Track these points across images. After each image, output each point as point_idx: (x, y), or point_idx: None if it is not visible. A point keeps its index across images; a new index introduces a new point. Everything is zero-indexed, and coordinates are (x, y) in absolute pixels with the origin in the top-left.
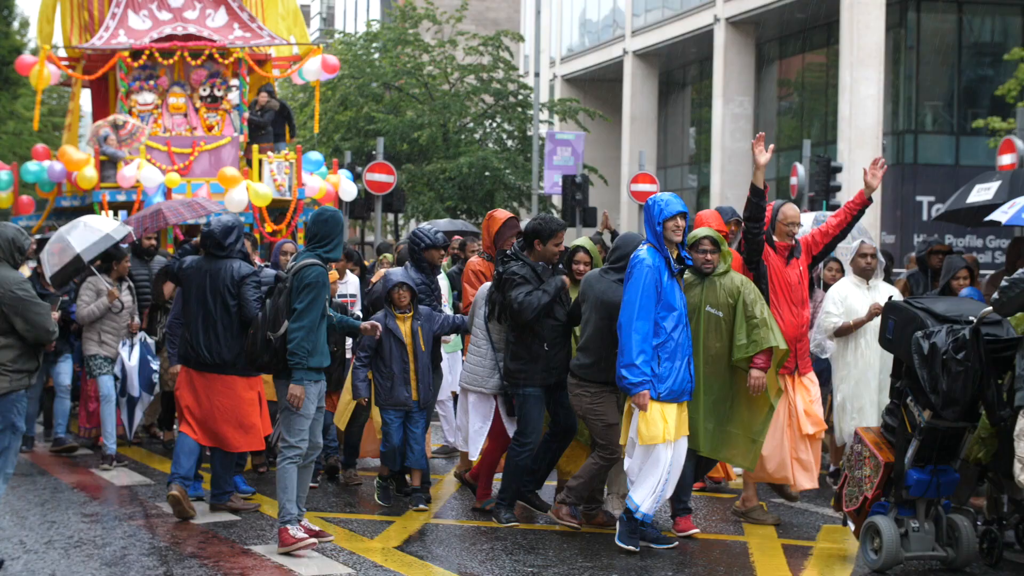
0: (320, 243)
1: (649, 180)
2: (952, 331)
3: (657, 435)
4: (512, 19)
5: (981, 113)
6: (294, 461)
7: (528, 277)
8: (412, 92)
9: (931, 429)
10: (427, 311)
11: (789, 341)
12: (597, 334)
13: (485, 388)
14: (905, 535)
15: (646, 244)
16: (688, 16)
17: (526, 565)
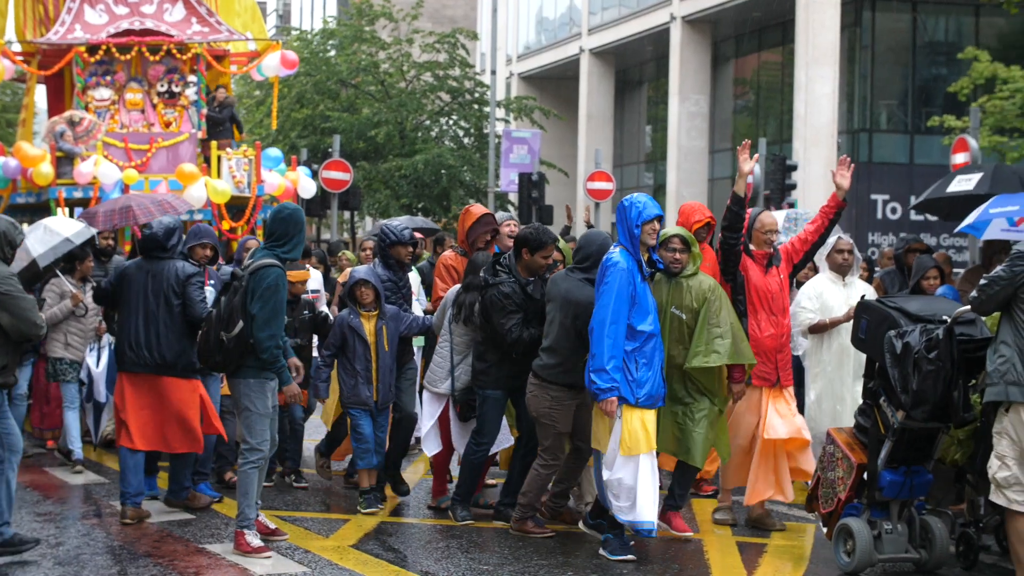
0: (278, 242)
1: (605, 178)
2: (926, 330)
3: (640, 445)
4: (469, 17)
5: (935, 112)
6: (256, 465)
7: (517, 302)
8: (368, 90)
9: (904, 430)
10: (394, 310)
11: (769, 351)
12: (562, 334)
13: (439, 389)
14: (878, 537)
15: (618, 247)
16: (644, 14)
17: (481, 563)
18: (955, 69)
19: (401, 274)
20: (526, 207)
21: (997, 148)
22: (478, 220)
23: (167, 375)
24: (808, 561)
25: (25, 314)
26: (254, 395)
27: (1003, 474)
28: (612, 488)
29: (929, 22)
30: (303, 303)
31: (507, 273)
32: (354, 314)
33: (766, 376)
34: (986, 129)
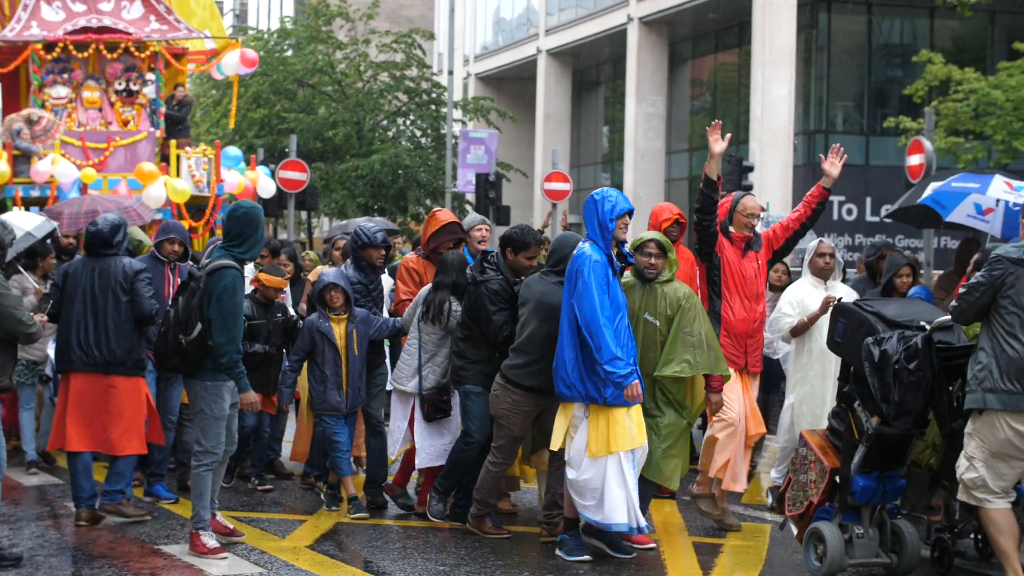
0: (234, 242)
1: (562, 179)
2: (904, 338)
3: (608, 445)
4: (426, 17)
5: (891, 113)
6: (209, 467)
7: (505, 299)
8: (325, 90)
9: (879, 436)
10: (364, 314)
11: (739, 335)
12: (534, 337)
13: (406, 388)
14: (849, 541)
15: (587, 241)
16: (601, 15)
17: (438, 564)
18: (910, 71)
19: (373, 277)
20: (483, 208)
21: (952, 150)
22: (443, 227)
23: (115, 373)
24: (764, 562)
25: (9, 312)
26: (209, 397)
27: (970, 475)
28: (576, 488)
29: (884, 24)
30: (276, 306)
31: (495, 271)
32: (323, 318)
33: (735, 360)
34: (941, 131)
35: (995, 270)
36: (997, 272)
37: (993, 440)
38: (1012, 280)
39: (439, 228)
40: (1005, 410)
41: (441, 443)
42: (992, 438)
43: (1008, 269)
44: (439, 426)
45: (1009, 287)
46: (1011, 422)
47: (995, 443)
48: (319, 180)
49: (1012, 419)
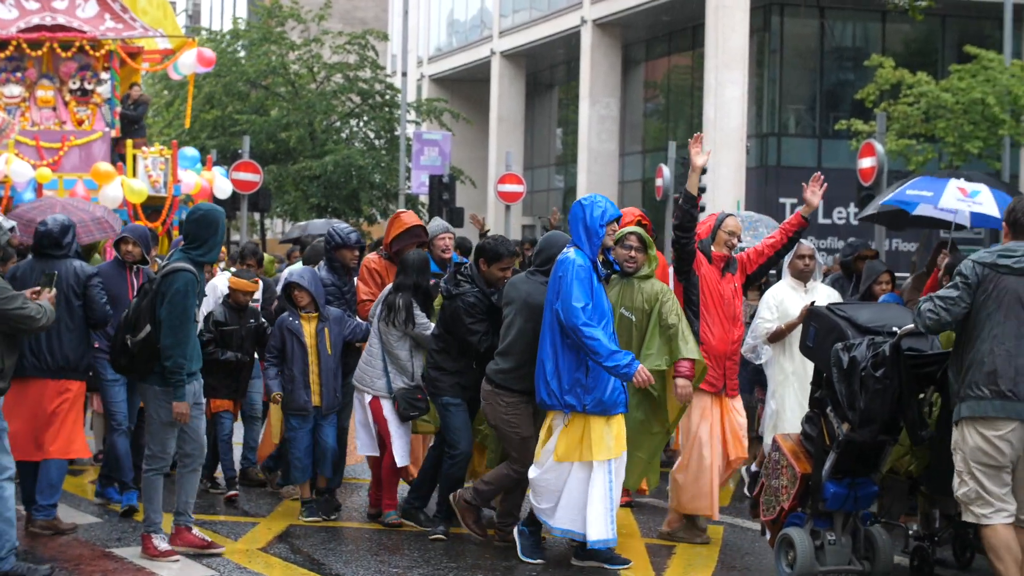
0: (192, 244)
1: (516, 181)
2: (873, 344)
3: (575, 453)
4: (380, 18)
5: (843, 116)
6: (158, 472)
7: (483, 311)
8: (278, 91)
9: (849, 442)
10: (337, 314)
11: (718, 357)
12: (521, 338)
13: (371, 389)
14: (821, 548)
15: (572, 247)
16: (555, 17)
17: (391, 566)
18: (862, 74)
19: (346, 279)
20: (437, 209)
21: (903, 152)
22: (407, 231)
23: (68, 378)
24: (716, 563)
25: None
26: (158, 403)
27: (963, 490)
28: (535, 487)
29: (837, 28)
30: (249, 311)
31: (469, 283)
32: (293, 316)
33: (713, 383)
34: (892, 134)
35: (970, 277)
36: (973, 279)
37: (968, 449)
38: (987, 284)
39: (403, 231)
40: (973, 417)
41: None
42: (966, 448)
43: (983, 274)
44: (409, 427)
45: (983, 291)
46: (980, 428)
47: (969, 452)
48: (272, 182)
49: (981, 426)
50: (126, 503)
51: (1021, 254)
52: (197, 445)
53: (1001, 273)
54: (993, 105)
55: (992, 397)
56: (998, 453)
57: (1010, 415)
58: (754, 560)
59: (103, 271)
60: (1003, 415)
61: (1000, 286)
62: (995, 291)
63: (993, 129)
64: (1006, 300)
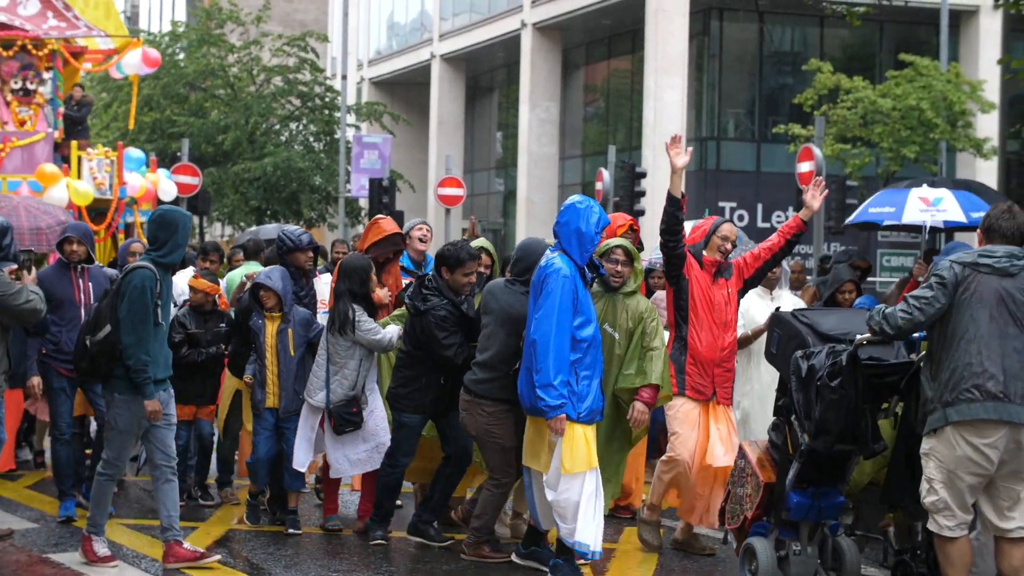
0: (153, 245)
1: (456, 184)
2: (833, 352)
3: (583, 461)
4: (319, 21)
5: (781, 121)
6: (109, 477)
7: (454, 323)
8: (217, 93)
9: (812, 452)
10: (304, 315)
11: (706, 364)
12: (501, 350)
13: (312, 400)
14: (785, 558)
15: (557, 252)
16: (495, 21)
17: (331, 570)
18: (800, 79)
19: (303, 282)
20: (376, 212)
21: (840, 157)
22: (386, 238)
23: (10, 386)
24: (657, 566)
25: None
26: (118, 410)
27: (931, 499)
28: (558, 508)
29: (775, 32)
30: (216, 315)
31: (436, 295)
32: (258, 315)
33: (701, 390)
34: (830, 138)
35: (948, 277)
36: (951, 279)
37: (951, 458)
38: (967, 284)
39: (382, 238)
40: (961, 423)
41: (355, 452)
42: (949, 455)
43: (963, 274)
44: (352, 437)
45: (964, 291)
46: (968, 436)
47: (952, 460)
48: (211, 185)
49: (968, 433)
50: (64, 513)
51: (1001, 255)
52: (165, 456)
53: (982, 273)
54: (928, 111)
55: (983, 399)
56: (986, 461)
57: (1002, 417)
58: (693, 564)
59: (45, 276)
60: (995, 417)
61: (982, 286)
62: (977, 291)
63: (929, 134)
64: (989, 300)
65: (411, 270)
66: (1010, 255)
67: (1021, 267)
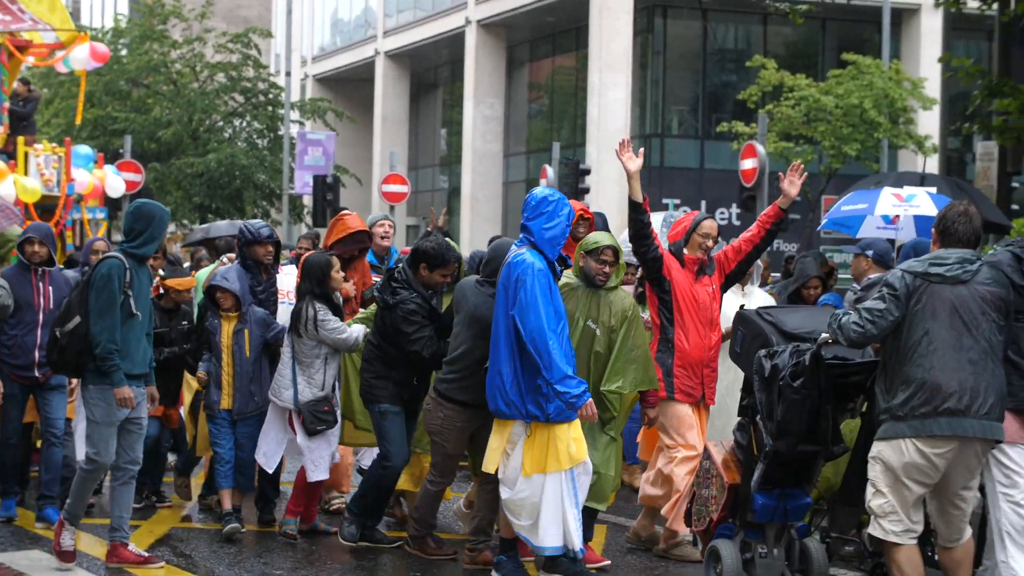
0: (127, 236)
1: (400, 181)
2: (797, 352)
3: (548, 463)
4: (263, 18)
5: (725, 118)
6: (92, 474)
7: (423, 314)
8: (160, 90)
9: (777, 453)
10: (261, 316)
11: (695, 365)
12: (470, 353)
13: (279, 400)
14: (751, 560)
15: (524, 247)
16: (440, 18)
17: (274, 567)
18: (744, 76)
19: (263, 277)
20: (320, 209)
21: (783, 154)
22: (351, 235)
23: None
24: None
25: None
26: (93, 402)
27: (878, 501)
28: (510, 507)
29: (719, 30)
30: (182, 313)
31: (405, 288)
32: (214, 315)
33: (691, 391)
34: (773, 135)
35: (899, 288)
36: (903, 290)
37: (898, 463)
38: (919, 296)
39: (347, 235)
40: (916, 436)
41: (328, 451)
42: (897, 460)
43: (915, 284)
44: (325, 437)
45: (916, 302)
46: (920, 445)
47: (900, 466)
48: (153, 182)
49: (921, 443)
50: (3, 513)
51: (952, 262)
52: (130, 458)
53: (933, 283)
54: (870, 109)
55: (936, 415)
56: (932, 470)
57: (955, 432)
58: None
59: (4, 276)
60: (948, 432)
61: (934, 296)
62: (929, 302)
63: (871, 131)
64: (941, 311)
65: (375, 264)
66: (962, 261)
67: (973, 272)
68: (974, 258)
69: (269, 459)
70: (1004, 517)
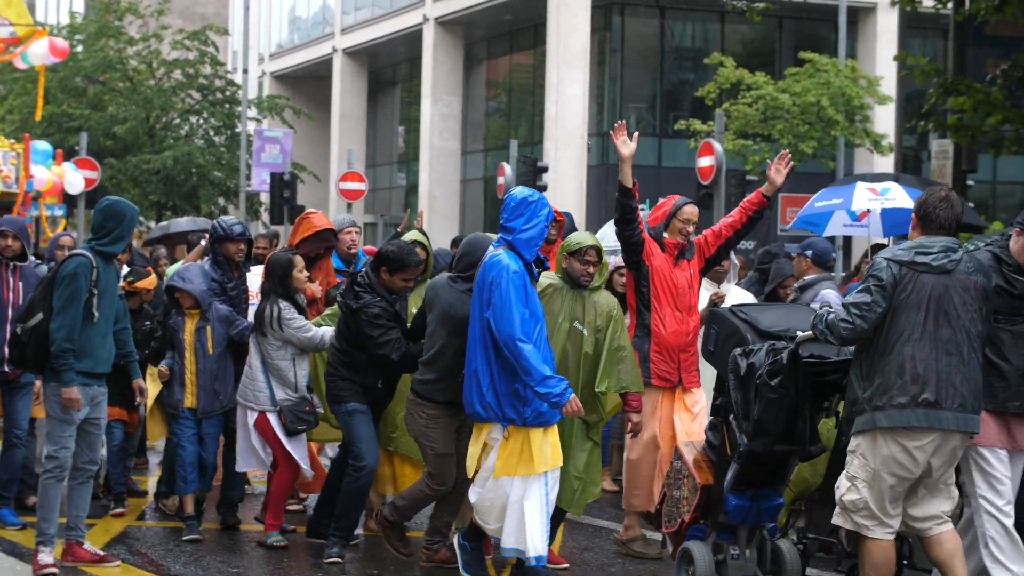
0: (96, 234)
1: (358, 179)
2: (773, 350)
3: (519, 466)
4: (220, 15)
5: (682, 115)
6: (53, 474)
7: (387, 317)
8: (116, 87)
9: (751, 453)
10: (224, 312)
11: (671, 349)
12: (445, 352)
13: (255, 404)
14: (723, 562)
15: (501, 247)
16: (397, 15)
17: (231, 566)
18: (701, 74)
19: (233, 274)
20: (278, 207)
21: (740, 152)
22: (316, 234)
23: None
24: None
25: None
26: (52, 399)
27: (851, 497)
28: (479, 508)
29: (676, 28)
30: (144, 313)
31: (368, 292)
32: (177, 313)
33: (667, 376)
34: (730, 133)
35: (886, 278)
36: (889, 280)
37: (876, 457)
38: (905, 285)
39: (312, 234)
40: (893, 427)
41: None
42: (875, 455)
43: (901, 274)
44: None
45: (902, 291)
46: (898, 438)
47: (878, 460)
48: (109, 179)
49: (900, 436)
50: None
51: (938, 251)
52: (88, 458)
53: (919, 272)
54: (828, 107)
55: (915, 406)
56: (912, 463)
57: (933, 424)
58: (593, 556)
59: None
60: (926, 424)
61: (919, 286)
62: (915, 292)
63: (827, 129)
64: (926, 301)
65: (342, 269)
66: (946, 250)
67: (957, 261)
68: (957, 247)
69: (241, 461)
70: (987, 524)
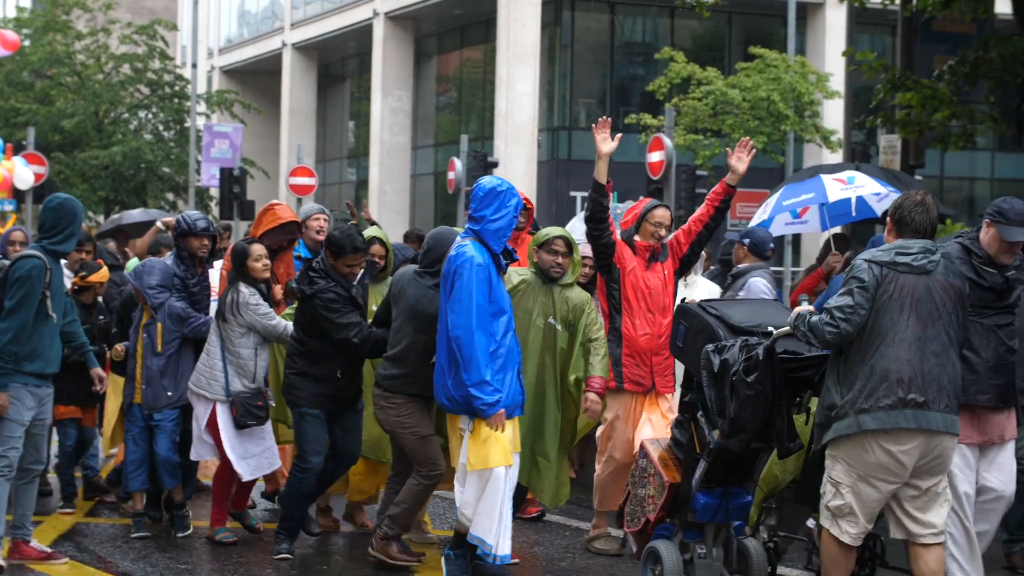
0: (47, 233)
1: (308, 173)
2: (747, 346)
3: (491, 458)
4: (169, 9)
5: (633, 111)
6: (3, 474)
7: (342, 302)
8: (64, 81)
9: (721, 451)
10: (177, 311)
11: (643, 353)
12: (413, 348)
13: (208, 392)
14: (690, 561)
15: (468, 238)
16: (347, 10)
17: (179, 562)
18: (652, 69)
19: (196, 270)
20: (227, 202)
21: (691, 147)
22: (280, 227)
23: None
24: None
25: None
26: None
27: (836, 503)
28: (462, 504)
29: (627, 23)
30: (99, 308)
31: (323, 278)
32: (141, 307)
33: (640, 380)
34: (681, 128)
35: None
36: (871, 282)
37: (862, 463)
38: (886, 286)
39: (277, 226)
40: (879, 431)
41: (251, 451)
42: (861, 461)
43: (882, 275)
44: (254, 433)
45: (883, 292)
46: (883, 443)
47: (864, 466)
48: (57, 174)
49: (885, 440)
50: None
51: (917, 251)
52: (35, 458)
53: (900, 272)
54: (778, 102)
55: (903, 407)
56: (900, 469)
57: (920, 425)
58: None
59: None
60: (914, 425)
61: (901, 286)
62: (897, 292)
63: (777, 125)
64: (908, 302)
65: (308, 258)
66: (925, 251)
67: (936, 262)
68: (935, 248)
69: (200, 450)
70: (949, 520)
